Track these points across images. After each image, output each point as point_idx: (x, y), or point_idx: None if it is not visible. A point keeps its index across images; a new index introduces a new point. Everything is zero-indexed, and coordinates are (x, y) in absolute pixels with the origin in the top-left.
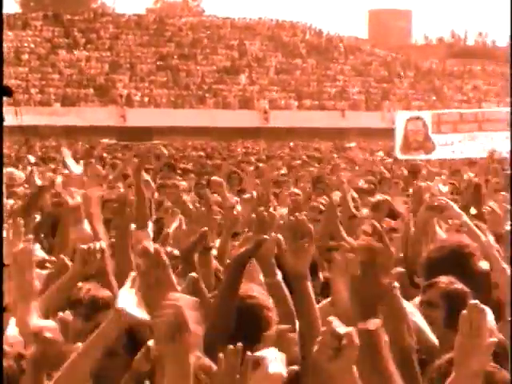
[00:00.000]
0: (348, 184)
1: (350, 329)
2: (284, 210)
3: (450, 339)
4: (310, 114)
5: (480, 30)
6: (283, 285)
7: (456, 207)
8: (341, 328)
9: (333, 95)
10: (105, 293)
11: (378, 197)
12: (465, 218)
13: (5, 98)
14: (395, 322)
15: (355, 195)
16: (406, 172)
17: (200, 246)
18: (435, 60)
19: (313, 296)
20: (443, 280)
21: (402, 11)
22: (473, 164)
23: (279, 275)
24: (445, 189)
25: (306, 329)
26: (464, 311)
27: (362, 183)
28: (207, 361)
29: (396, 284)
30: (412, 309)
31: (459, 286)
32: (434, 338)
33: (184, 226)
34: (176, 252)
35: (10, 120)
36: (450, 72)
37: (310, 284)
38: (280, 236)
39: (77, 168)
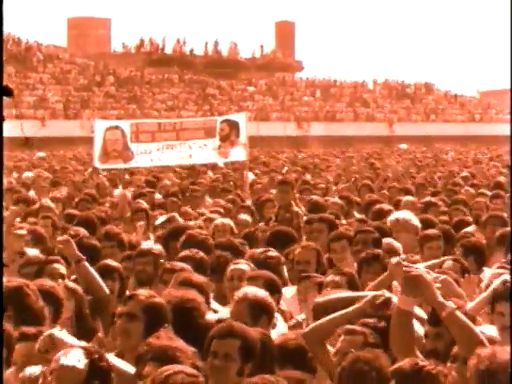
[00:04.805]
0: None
1: None
2: None
3: (148, 351)
4: (10, 124)
5: (178, 37)
6: None
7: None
8: None
9: (32, 104)
10: None
11: None
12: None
13: None
14: None
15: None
16: (106, 181)
17: None
18: (134, 68)
19: None
20: (143, 292)
21: (101, 19)
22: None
23: None
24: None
25: None
26: None
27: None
28: None
29: None
30: None
31: (157, 299)
32: None
33: None
34: None
35: None
36: (148, 80)
37: None
38: None
39: None
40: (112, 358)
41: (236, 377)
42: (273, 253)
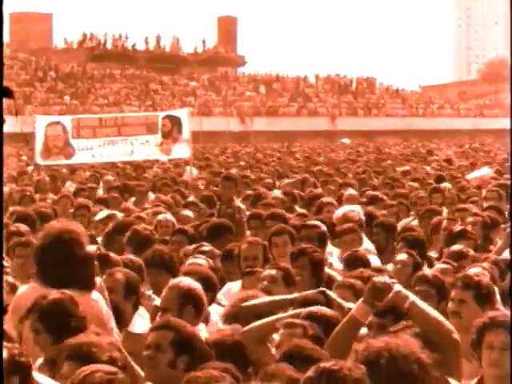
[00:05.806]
0: None
1: None
2: None
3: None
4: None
5: (119, 32)
6: None
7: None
8: None
9: None
10: None
11: None
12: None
13: None
14: None
15: None
16: (47, 178)
17: None
18: (76, 64)
19: None
20: (39, 298)
21: (43, 14)
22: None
23: None
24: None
25: None
26: None
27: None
28: None
29: None
30: None
31: (52, 296)
32: None
33: None
34: None
35: None
36: (90, 75)
37: None
38: None
39: None
40: (38, 375)
41: (168, 369)
42: (206, 247)
